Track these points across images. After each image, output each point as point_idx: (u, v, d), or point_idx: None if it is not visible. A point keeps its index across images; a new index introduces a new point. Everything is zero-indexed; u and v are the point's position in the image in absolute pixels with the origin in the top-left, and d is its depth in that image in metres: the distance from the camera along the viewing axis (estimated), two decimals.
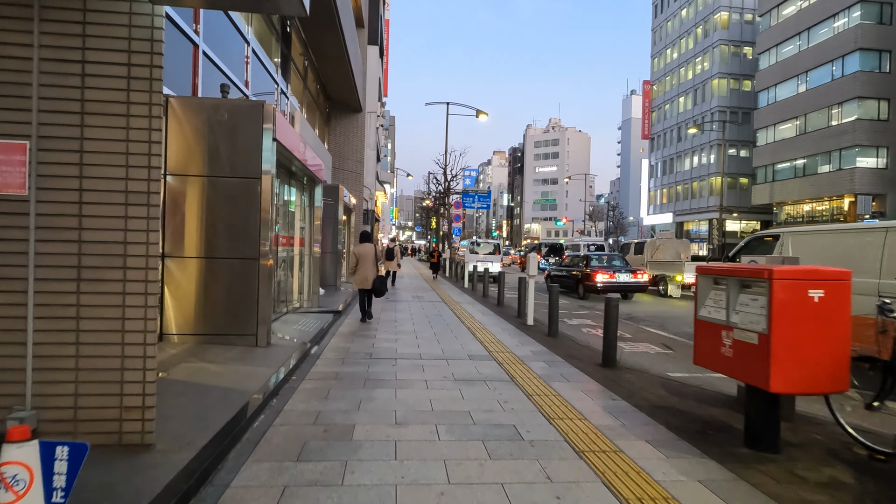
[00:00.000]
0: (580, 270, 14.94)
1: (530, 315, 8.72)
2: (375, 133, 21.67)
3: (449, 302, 11.98)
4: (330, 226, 12.96)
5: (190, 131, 5.45)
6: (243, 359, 4.98)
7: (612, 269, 14.35)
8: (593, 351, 6.70)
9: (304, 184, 9.24)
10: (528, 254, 8.73)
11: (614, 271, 14.22)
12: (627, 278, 14.17)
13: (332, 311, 9.09)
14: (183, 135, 5.43)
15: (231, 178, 5.54)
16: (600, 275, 13.97)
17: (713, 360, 3.56)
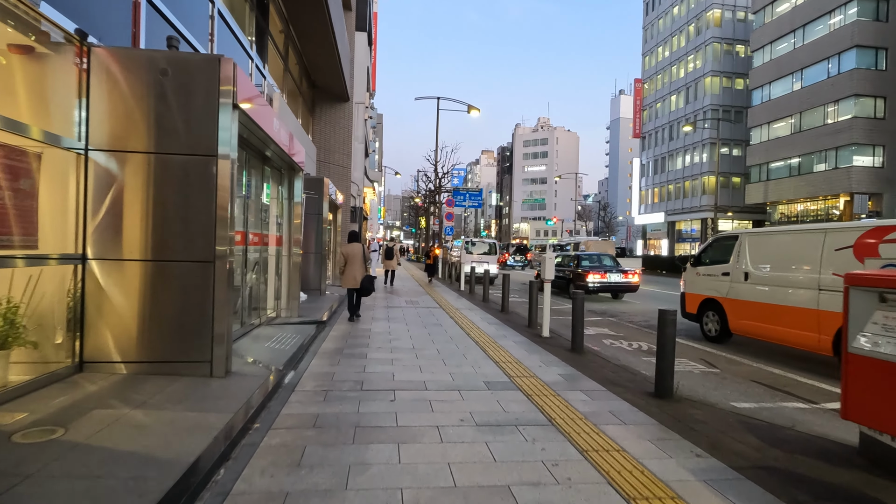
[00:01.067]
0: (571, 271, 14.80)
1: (546, 325, 7.52)
2: (364, 125, 20.33)
3: (447, 308, 10.72)
4: (313, 223, 11.61)
5: (122, 93, 4.11)
6: (188, 398, 3.67)
7: (603, 270, 14.16)
8: (633, 374, 5.51)
9: (281, 173, 7.90)
10: (543, 254, 7.53)
11: (605, 271, 14.02)
12: (619, 278, 14.03)
13: (314, 321, 7.77)
14: (111, 97, 4.09)
15: (178, 157, 4.20)
16: (592, 275, 13.81)
17: (890, 417, 2.34)
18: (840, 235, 5.91)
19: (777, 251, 6.85)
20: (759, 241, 7.21)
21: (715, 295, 7.83)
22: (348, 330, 7.60)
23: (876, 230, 5.52)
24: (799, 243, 6.49)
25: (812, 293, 6.10)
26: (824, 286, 5.94)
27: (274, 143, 6.27)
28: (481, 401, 4.24)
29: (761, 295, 6.91)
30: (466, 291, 14.82)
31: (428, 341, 6.89)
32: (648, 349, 7.35)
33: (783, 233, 7.01)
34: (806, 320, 6.13)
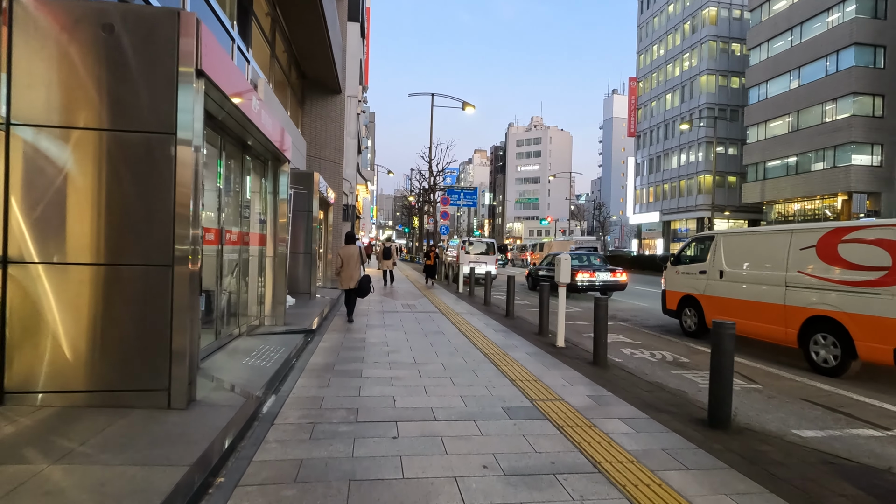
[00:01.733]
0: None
1: (561, 335, 6.75)
2: (356, 120, 19.49)
3: (447, 313, 9.92)
4: (302, 221, 10.76)
5: (55, 53, 3.27)
6: (132, 443, 2.84)
7: (592, 269, 14.39)
8: (671, 393, 4.76)
9: (265, 164, 7.05)
10: (558, 256, 6.76)
11: (594, 270, 14.25)
12: (607, 277, 14.24)
13: (302, 329, 6.93)
14: (41, 59, 3.25)
15: (126, 134, 3.37)
16: (581, 274, 13.95)
17: None
18: (804, 236, 6.28)
19: (749, 251, 7.22)
20: (733, 241, 7.57)
21: (693, 292, 8.16)
22: (340, 340, 6.78)
23: (835, 231, 5.93)
24: (768, 243, 6.85)
25: (780, 290, 6.48)
26: (790, 283, 6.35)
27: (255, 128, 5.43)
28: (504, 436, 3.45)
29: (735, 291, 7.24)
30: (466, 294, 14.05)
31: (430, 353, 6.10)
32: (674, 360, 6.62)
33: (755, 233, 7.42)
34: (774, 315, 6.51)
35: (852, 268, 5.64)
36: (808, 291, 6.10)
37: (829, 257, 5.91)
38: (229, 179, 5.90)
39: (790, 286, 6.34)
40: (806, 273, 6.16)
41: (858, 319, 5.48)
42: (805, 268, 6.17)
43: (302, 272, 10.92)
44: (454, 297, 13.30)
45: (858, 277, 5.55)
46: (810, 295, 6.08)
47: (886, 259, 5.29)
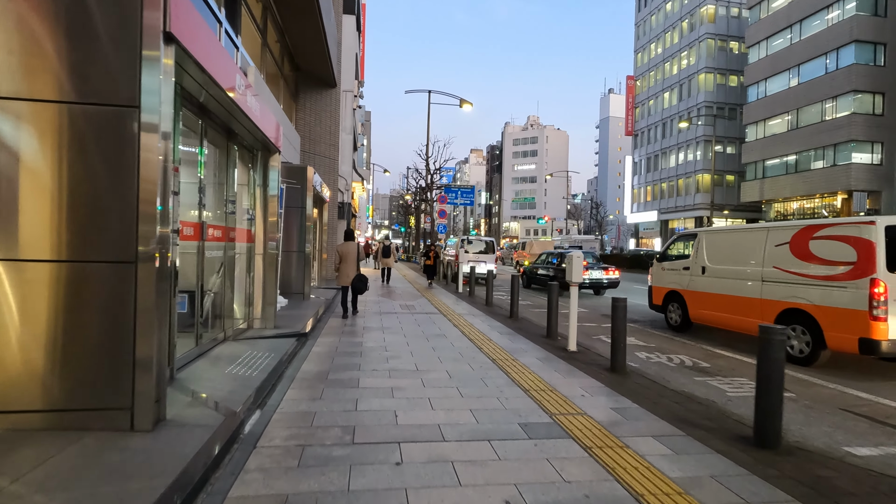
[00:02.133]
0: (555, 267, 15.36)
1: (572, 338, 6.27)
2: (352, 115, 18.94)
3: (448, 314, 9.43)
4: (295, 217, 10.25)
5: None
6: (81, 477, 2.33)
7: (585, 267, 14.66)
8: (703, 405, 4.29)
9: (253, 154, 6.53)
10: (569, 253, 6.28)
11: (587, 268, 14.43)
12: (600, 274, 14.62)
13: (294, 333, 6.42)
14: None
15: (77, 107, 2.86)
16: None
17: None
18: (779, 233, 6.60)
19: (729, 248, 7.51)
20: (715, 238, 7.89)
21: (677, 287, 8.42)
22: (335, 344, 6.27)
23: (807, 229, 6.27)
24: (747, 240, 7.16)
25: (757, 284, 6.79)
26: (766, 278, 6.66)
27: (241, 113, 4.92)
28: (525, 460, 2.97)
29: (716, 286, 7.52)
30: (466, 294, 13.56)
31: (433, 359, 5.60)
32: (694, 365, 6.16)
33: (734, 231, 7.93)
34: (752, 308, 6.81)
35: (822, 263, 5.98)
36: (783, 286, 6.44)
37: (802, 253, 6.24)
38: (212, 170, 5.39)
39: (766, 281, 6.68)
40: (780, 268, 6.50)
41: (827, 311, 5.81)
42: (780, 263, 6.50)
43: (295, 271, 10.40)
44: (454, 297, 12.82)
45: (827, 272, 5.91)
46: (784, 289, 6.41)
47: (852, 254, 5.64)
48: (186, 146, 4.51)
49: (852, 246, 5.65)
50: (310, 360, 5.32)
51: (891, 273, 5.38)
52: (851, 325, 5.53)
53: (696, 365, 6.19)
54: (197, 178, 4.69)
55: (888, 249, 5.42)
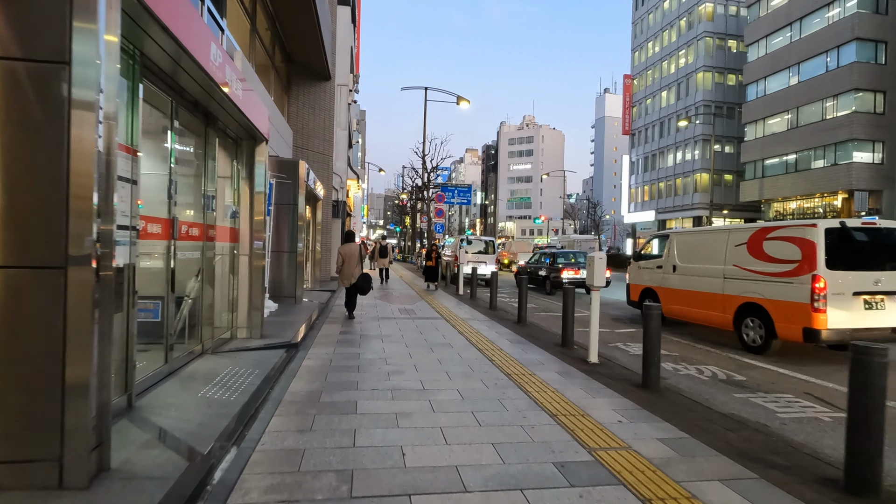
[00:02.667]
0: (547, 267, 15.78)
1: (594, 349, 5.63)
2: (347, 111, 18.25)
3: (451, 319, 8.77)
4: (287, 215, 9.55)
5: None
6: None
7: (577, 266, 15.24)
8: (764, 433, 3.66)
9: (237, 144, 5.84)
10: (591, 254, 5.62)
11: (579, 268, 15.10)
12: None
13: (283, 343, 5.73)
14: None
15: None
16: (566, 271, 15.02)
17: None
18: (739, 234, 7.20)
19: (697, 247, 8.04)
20: (685, 239, 8.47)
21: (651, 284, 8.94)
22: (329, 356, 5.58)
23: (762, 230, 6.86)
24: (711, 241, 7.73)
25: (719, 281, 7.34)
26: (728, 275, 7.25)
27: (220, 92, 4.24)
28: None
29: (686, 283, 8.00)
30: (467, 296, 12.90)
31: (440, 374, 4.94)
32: (728, 378, 5.55)
33: (701, 232, 8.49)
34: (716, 303, 7.38)
35: (773, 261, 6.58)
36: (741, 282, 7.02)
37: (757, 253, 6.82)
38: (186, 158, 4.70)
39: (727, 278, 7.25)
40: (739, 266, 7.08)
41: (777, 304, 6.43)
42: (739, 262, 7.09)
43: (286, 273, 9.70)
44: (455, 300, 12.16)
45: (777, 269, 6.52)
46: (742, 285, 6.99)
47: (797, 253, 6.27)
48: (152, 129, 3.83)
49: (798, 246, 6.28)
50: (300, 378, 4.64)
51: (830, 270, 6.04)
52: (797, 316, 6.16)
53: (730, 378, 5.57)
54: (167, 168, 4.00)
55: (828, 249, 6.07)
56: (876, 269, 6.19)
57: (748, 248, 6.98)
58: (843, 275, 6.08)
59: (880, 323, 6.13)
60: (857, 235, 6.35)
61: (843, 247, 6.18)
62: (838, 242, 6.16)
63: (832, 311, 5.98)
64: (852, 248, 6.26)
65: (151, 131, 3.84)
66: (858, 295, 6.09)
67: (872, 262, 6.25)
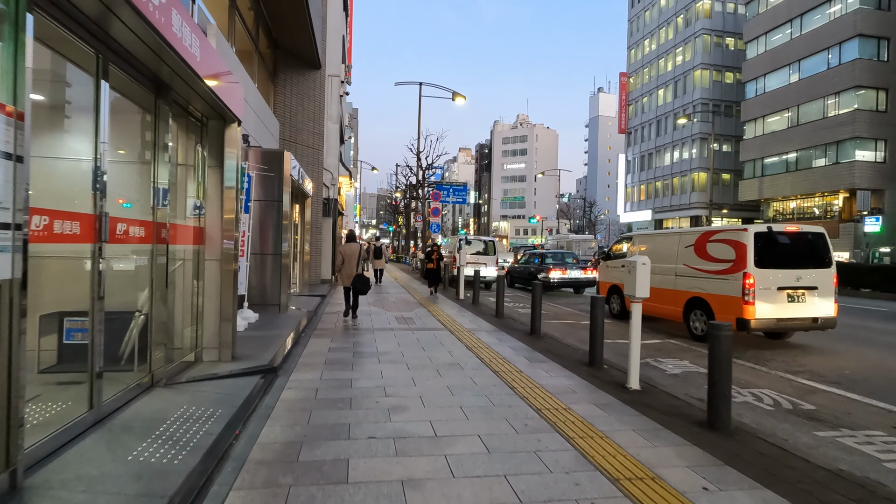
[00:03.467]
0: (536, 267, 16.19)
1: (634, 373, 4.67)
2: (339, 103, 17.15)
3: (455, 331, 7.78)
4: (271, 213, 8.51)
5: None
6: None
7: (564, 266, 15.75)
8: (872, 490, 2.71)
9: (202, 125, 4.80)
10: (632, 260, 4.66)
11: (566, 268, 15.61)
12: (578, 274, 15.61)
13: (258, 368, 4.70)
14: None
15: None
16: (554, 271, 15.38)
17: None
18: (688, 237, 8.02)
19: (655, 247, 8.84)
20: (645, 239, 9.43)
21: (617, 282, 9.88)
22: (315, 384, 4.55)
23: (706, 233, 7.65)
24: (666, 242, 8.60)
25: (672, 278, 8.18)
26: (679, 273, 8.07)
27: (170, 52, 3.21)
28: None
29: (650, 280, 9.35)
30: (469, 301, 11.92)
31: (454, 410, 3.95)
32: (794, 407, 4.62)
33: (658, 234, 9.41)
34: (670, 297, 8.18)
35: (714, 261, 7.39)
36: (689, 279, 7.83)
37: (702, 253, 7.62)
38: (126, 136, 3.66)
39: (678, 275, 8.08)
40: (688, 265, 7.89)
41: (716, 298, 7.26)
42: (687, 261, 7.89)
43: (270, 278, 8.65)
44: (455, 305, 11.16)
45: (717, 267, 7.33)
46: (690, 281, 7.81)
47: (732, 254, 7.06)
48: (61, 88, 2.80)
49: (733, 247, 7.08)
50: (275, 420, 3.61)
51: (758, 268, 6.86)
52: (732, 308, 6.97)
53: (796, 407, 4.64)
54: (91, 146, 2.96)
55: (757, 250, 6.88)
56: (797, 267, 7.10)
57: (695, 249, 7.82)
58: (769, 272, 6.93)
59: (801, 314, 7.06)
60: (781, 239, 7.18)
61: (770, 248, 7.03)
62: (766, 244, 7.01)
63: (760, 304, 6.87)
64: (777, 250, 7.09)
65: (60, 92, 2.81)
66: (782, 290, 6.98)
67: (794, 261, 7.13)
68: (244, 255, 7.07)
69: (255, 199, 8.07)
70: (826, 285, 7.17)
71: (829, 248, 7.38)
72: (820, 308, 7.11)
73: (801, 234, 7.30)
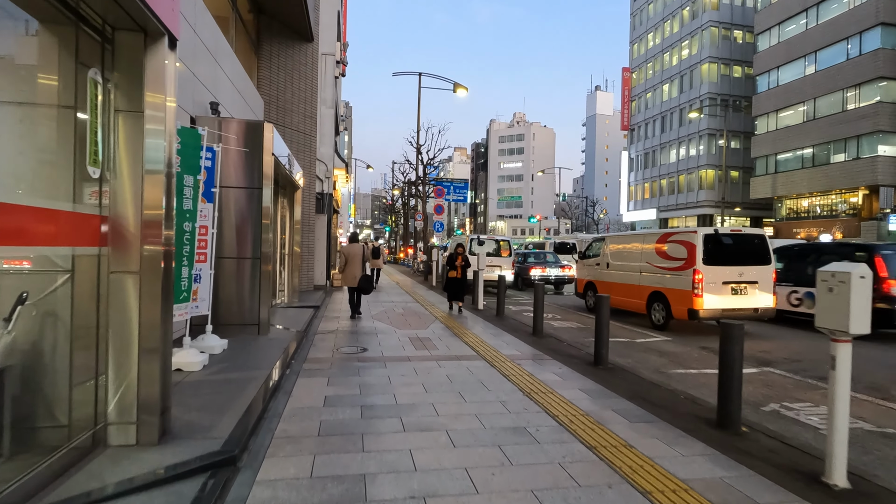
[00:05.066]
0: (519, 266, 16.72)
1: (841, 463, 2.74)
2: (334, 86, 15.14)
3: (495, 360, 5.82)
4: (247, 204, 6.51)
5: None
6: None
7: (545, 265, 16.49)
8: None
9: (102, 38, 2.82)
10: (848, 270, 2.78)
11: (546, 266, 16.38)
12: (557, 272, 16.32)
13: (204, 460, 2.71)
14: None
15: None
16: (534, 269, 16.09)
17: None
18: (650, 238, 9.19)
19: (623, 248, 10.07)
20: (616, 240, 10.56)
21: (592, 278, 10.92)
22: (300, 494, 2.60)
23: (664, 235, 8.83)
24: (632, 242, 9.85)
25: (637, 274, 9.32)
26: (642, 270, 9.19)
27: None
28: None
29: (616, 277, 9.97)
30: (490, 312, 9.97)
31: None
32: None
33: (626, 236, 10.63)
34: (635, 292, 9.33)
35: (670, 259, 8.53)
36: (650, 275, 8.96)
37: (661, 252, 8.75)
38: None
39: (642, 272, 9.17)
40: (649, 263, 9.02)
41: (672, 292, 8.40)
42: (649, 260, 9.01)
43: (246, 290, 6.63)
44: (479, 319, 9.20)
45: (672, 265, 8.49)
46: (651, 277, 8.93)
47: (684, 253, 8.20)
48: None
49: (685, 247, 8.17)
50: None
51: (706, 266, 7.92)
52: (684, 300, 8.08)
53: None
54: None
55: (705, 250, 7.95)
56: (740, 264, 8.04)
57: (655, 249, 8.77)
58: (715, 269, 7.88)
59: (743, 305, 7.99)
60: (725, 240, 8.12)
61: (716, 248, 7.98)
62: (713, 245, 7.95)
63: (707, 296, 7.82)
64: (723, 249, 8.03)
65: None
66: (727, 284, 7.92)
67: (738, 259, 8.07)
68: (206, 260, 5.07)
69: (223, 186, 6.06)
70: (765, 280, 8.10)
71: (769, 248, 8.24)
72: (760, 300, 8.07)
73: (743, 235, 8.36)
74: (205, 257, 5.00)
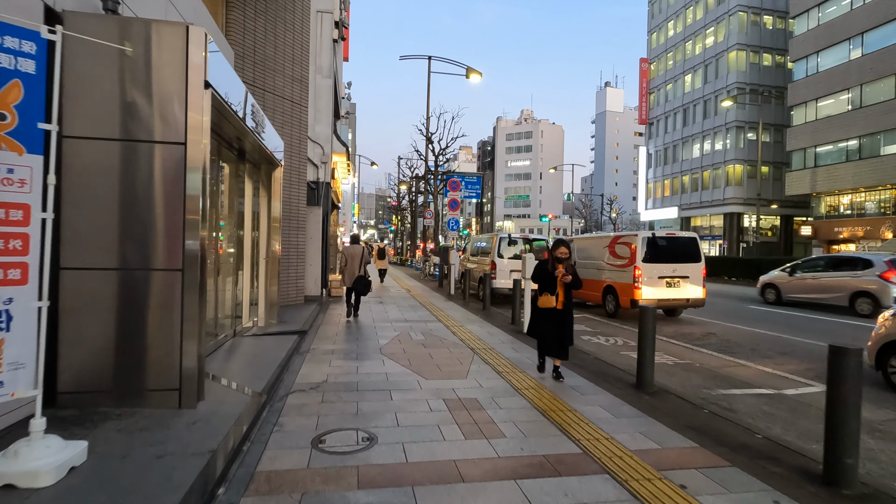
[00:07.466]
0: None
1: None
2: (332, 52, 12.30)
3: (559, 416, 3.01)
4: (163, 171, 3.69)
5: None
6: None
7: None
8: None
9: None
10: None
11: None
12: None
13: None
14: None
15: None
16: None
17: None
18: (605, 240, 10.95)
19: (586, 248, 11.77)
20: (580, 242, 12.37)
21: None
22: None
23: (615, 238, 10.67)
24: (593, 244, 11.53)
25: (597, 271, 10.93)
26: (600, 267, 10.85)
27: None
28: None
29: (583, 273, 9.62)
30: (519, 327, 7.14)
31: None
32: None
33: (588, 238, 12.42)
34: (595, 286, 10.90)
35: (618, 258, 10.24)
36: (606, 271, 10.64)
37: (612, 252, 10.48)
38: None
39: (600, 269, 10.83)
40: (604, 261, 10.73)
41: (620, 286, 10.12)
42: (605, 258, 10.71)
43: (157, 327, 3.80)
44: (506, 335, 6.37)
45: (619, 263, 10.20)
46: (606, 273, 10.63)
47: (628, 253, 9.94)
48: None
49: (629, 248, 9.99)
50: None
51: (645, 263, 9.64)
52: (628, 292, 9.82)
53: None
54: None
55: (645, 250, 9.74)
56: (673, 262, 9.89)
57: (608, 249, 10.68)
58: (652, 266, 9.74)
59: (676, 296, 9.86)
60: (661, 242, 10.02)
61: (654, 248, 9.88)
62: (650, 246, 9.87)
63: (645, 289, 9.65)
64: (659, 250, 9.91)
65: None
66: (662, 278, 9.77)
67: (672, 257, 9.92)
68: (24, 279, 2.28)
69: (102, 138, 3.26)
70: (696, 275, 9.98)
71: (700, 248, 10.22)
72: (691, 292, 9.95)
73: (677, 238, 10.41)
74: (21, 273, 2.23)
